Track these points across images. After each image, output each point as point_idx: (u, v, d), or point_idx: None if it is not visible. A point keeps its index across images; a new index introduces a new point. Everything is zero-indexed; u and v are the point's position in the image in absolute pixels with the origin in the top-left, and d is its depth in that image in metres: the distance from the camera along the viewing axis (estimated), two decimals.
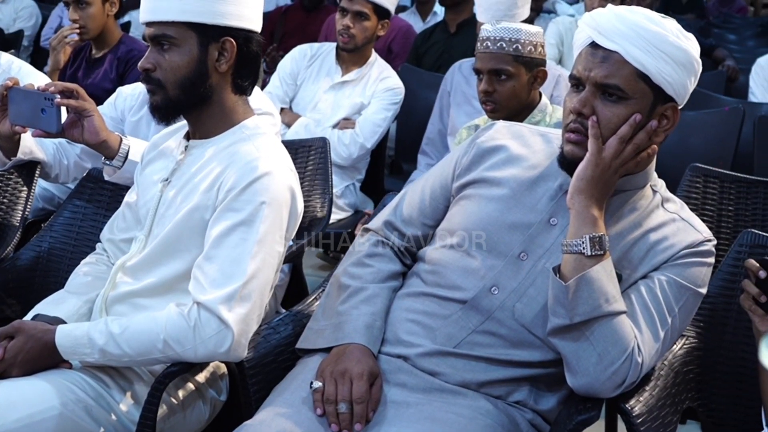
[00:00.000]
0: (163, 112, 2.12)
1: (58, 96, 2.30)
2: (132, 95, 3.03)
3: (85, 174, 2.71)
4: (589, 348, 1.85)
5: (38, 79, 2.98)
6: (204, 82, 2.09)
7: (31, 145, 2.63)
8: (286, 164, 2.12)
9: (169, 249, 2.11)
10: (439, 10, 6.46)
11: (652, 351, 1.90)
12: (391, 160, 4.79)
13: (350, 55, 4.07)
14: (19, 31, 6.33)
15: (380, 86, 4.05)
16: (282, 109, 4.07)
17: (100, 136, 2.37)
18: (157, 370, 2.05)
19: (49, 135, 2.37)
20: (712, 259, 1.98)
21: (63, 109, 2.33)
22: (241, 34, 2.10)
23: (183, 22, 2.06)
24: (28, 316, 2.15)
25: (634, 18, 1.88)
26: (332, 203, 3.03)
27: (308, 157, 3.06)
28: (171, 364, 1.99)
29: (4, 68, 3.12)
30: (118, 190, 2.56)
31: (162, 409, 2.02)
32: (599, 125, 1.88)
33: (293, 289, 3.32)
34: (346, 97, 4.06)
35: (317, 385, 1.91)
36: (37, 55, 6.44)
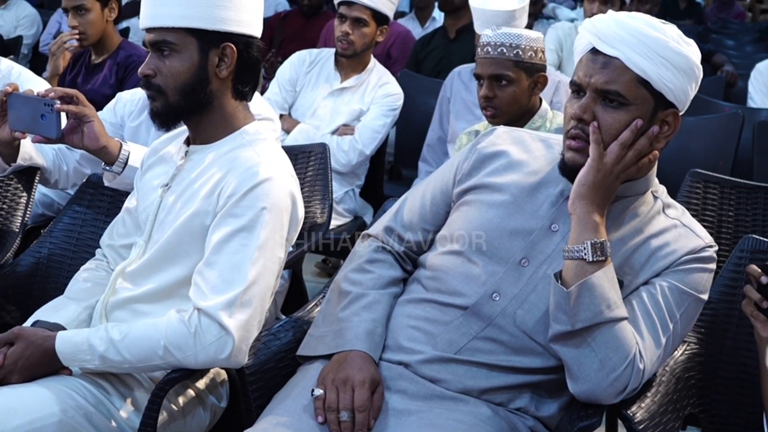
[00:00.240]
0: (164, 118, 2.12)
1: (58, 102, 2.30)
2: (132, 101, 3.03)
3: (84, 180, 2.71)
4: (591, 354, 1.85)
5: (38, 85, 2.98)
6: (204, 87, 2.09)
7: (31, 151, 2.63)
8: (287, 170, 2.11)
9: (168, 255, 2.11)
10: (438, 15, 6.46)
11: (654, 357, 1.90)
12: (390, 166, 4.79)
13: (349, 62, 4.07)
14: (18, 37, 6.32)
15: (379, 92, 4.05)
16: (281, 116, 4.06)
17: (100, 141, 2.37)
18: (158, 377, 2.05)
19: (48, 141, 2.37)
20: (713, 265, 1.98)
21: (63, 115, 2.33)
22: (242, 40, 2.10)
23: (183, 28, 2.06)
24: (28, 323, 2.15)
25: (634, 24, 1.88)
26: (332, 209, 3.03)
27: (308, 162, 3.05)
28: (171, 371, 1.98)
29: (4, 74, 3.11)
30: (118, 196, 2.56)
31: (162, 416, 2.02)
32: (600, 131, 1.88)
33: (293, 295, 3.31)
34: (345, 104, 4.06)
35: (318, 392, 1.90)
36: (36, 60, 6.43)
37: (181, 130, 2.24)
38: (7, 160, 2.58)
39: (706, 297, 1.98)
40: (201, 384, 2.15)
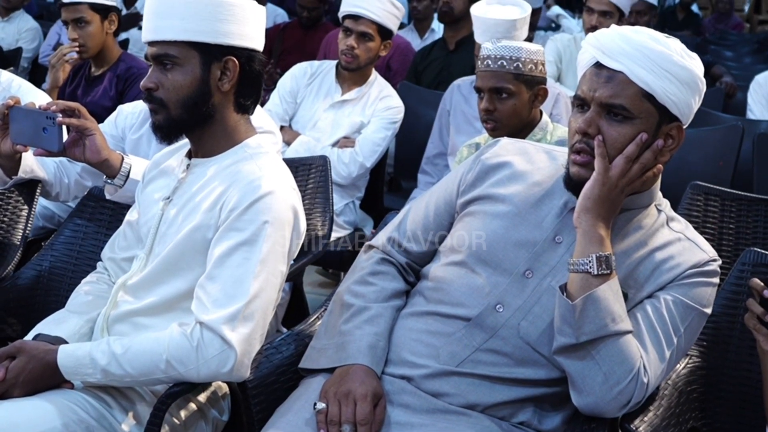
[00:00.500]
0: (166, 132, 2.12)
1: (60, 115, 2.30)
2: (132, 113, 3.03)
3: (86, 193, 2.71)
4: (595, 367, 1.85)
5: (39, 98, 2.98)
6: (206, 101, 2.09)
7: (32, 164, 2.63)
8: (289, 183, 2.11)
9: (170, 268, 2.10)
10: (437, 27, 6.47)
11: (658, 371, 1.90)
12: (390, 178, 4.79)
13: (351, 74, 4.06)
14: (18, 49, 6.31)
15: (380, 105, 4.05)
16: (281, 127, 4.06)
17: (101, 155, 2.37)
18: (159, 390, 2.04)
19: (50, 154, 2.37)
20: (717, 279, 1.98)
21: (64, 128, 2.33)
22: (244, 53, 2.10)
23: (185, 42, 2.06)
24: (30, 336, 2.14)
25: (638, 38, 1.88)
26: (333, 221, 3.02)
27: (309, 175, 3.05)
28: (173, 384, 1.98)
29: (5, 86, 3.12)
30: (119, 209, 2.56)
31: (164, 430, 2.01)
32: (605, 145, 1.88)
33: (294, 308, 3.31)
34: (346, 116, 4.05)
35: (321, 406, 1.90)
36: (36, 72, 6.43)
37: (183, 143, 2.24)
38: (9, 173, 2.57)
39: (709, 311, 1.98)
40: (203, 397, 2.14)
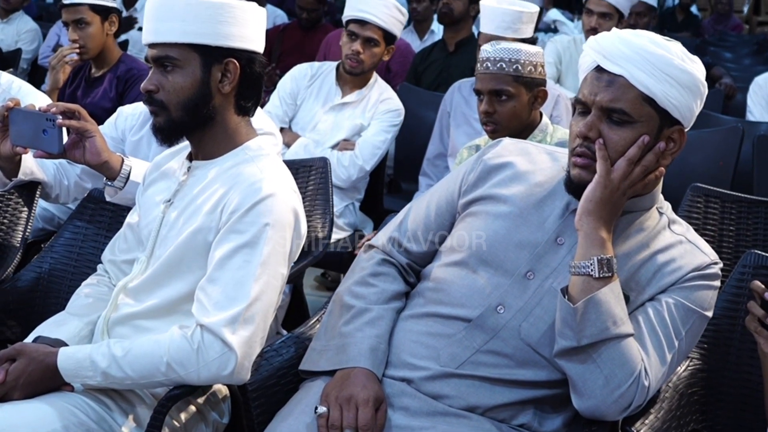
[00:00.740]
0: (166, 134, 2.12)
1: (60, 117, 2.30)
2: (133, 115, 3.02)
3: (85, 195, 2.71)
4: (596, 370, 1.85)
5: (39, 100, 2.98)
6: (207, 103, 2.09)
7: (32, 166, 2.62)
8: (290, 185, 2.11)
9: (171, 270, 2.10)
10: (436, 28, 6.47)
11: (659, 374, 1.89)
12: (389, 179, 4.79)
13: (351, 77, 4.05)
14: (17, 50, 6.31)
15: (380, 108, 4.04)
16: (281, 129, 4.06)
17: (101, 157, 2.37)
18: (160, 393, 2.04)
19: (50, 156, 2.36)
20: (718, 282, 1.98)
21: (64, 130, 2.33)
22: (244, 56, 2.10)
23: (186, 44, 2.06)
24: (29, 338, 2.14)
25: (639, 42, 1.88)
26: (333, 223, 3.02)
27: (309, 177, 3.05)
28: (174, 387, 1.98)
29: (4, 88, 3.11)
30: (119, 211, 2.55)
31: None
32: (606, 149, 1.88)
33: (294, 310, 3.31)
34: (346, 119, 4.05)
35: (322, 410, 1.90)
36: (35, 74, 6.42)
37: (183, 146, 2.24)
38: (8, 175, 2.57)
39: (710, 314, 1.98)
40: (203, 400, 2.14)
